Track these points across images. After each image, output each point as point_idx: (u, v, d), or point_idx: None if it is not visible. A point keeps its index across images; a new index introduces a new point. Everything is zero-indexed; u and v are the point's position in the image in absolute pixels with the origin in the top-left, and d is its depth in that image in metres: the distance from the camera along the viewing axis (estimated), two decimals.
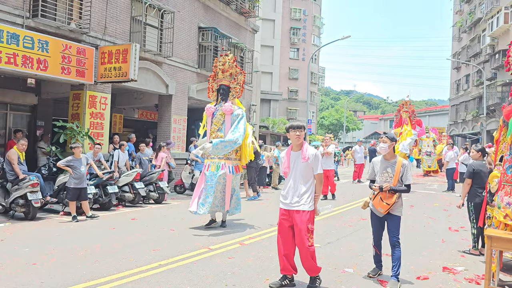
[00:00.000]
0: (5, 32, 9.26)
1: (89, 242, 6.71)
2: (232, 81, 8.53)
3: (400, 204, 5.10)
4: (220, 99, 8.45)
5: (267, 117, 38.92)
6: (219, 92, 8.49)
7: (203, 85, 16.55)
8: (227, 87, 8.47)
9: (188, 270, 5.35)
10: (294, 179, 4.77)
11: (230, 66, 8.49)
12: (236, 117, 8.20)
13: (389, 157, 5.16)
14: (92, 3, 11.73)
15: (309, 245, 4.60)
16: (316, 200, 4.78)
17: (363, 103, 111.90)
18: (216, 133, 8.19)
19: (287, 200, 4.76)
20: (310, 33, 48.06)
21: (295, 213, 4.68)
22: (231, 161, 8.18)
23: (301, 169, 4.73)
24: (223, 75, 8.49)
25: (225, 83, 8.47)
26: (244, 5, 18.98)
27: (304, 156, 4.70)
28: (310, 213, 4.67)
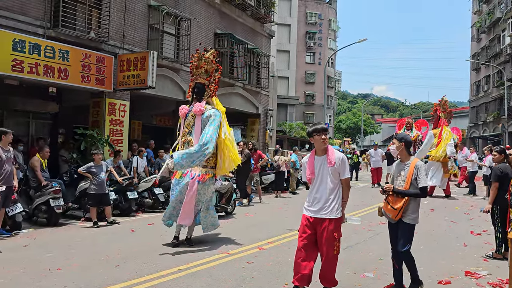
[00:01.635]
0: (27, 42, 9.51)
1: (110, 247, 6.80)
2: (208, 78, 7.54)
3: (412, 211, 4.67)
4: (195, 99, 7.47)
5: (284, 122, 38.90)
6: (193, 91, 7.54)
7: (220, 91, 16.57)
8: (202, 85, 7.47)
9: (207, 274, 5.39)
10: (320, 185, 4.48)
11: (206, 61, 7.50)
12: (207, 118, 7.13)
13: (404, 159, 4.85)
14: (111, 12, 11.95)
15: (334, 254, 4.38)
16: (343, 206, 4.52)
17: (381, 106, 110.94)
18: (186, 136, 7.29)
19: (314, 207, 4.48)
20: (326, 37, 47.98)
21: (321, 221, 4.41)
22: (199, 168, 7.08)
23: (327, 175, 4.45)
24: (198, 72, 7.53)
25: (200, 80, 7.50)
26: (260, 11, 19.07)
27: (330, 160, 4.43)
28: (337, 220, 4.42)
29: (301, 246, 4.47)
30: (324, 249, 4.38)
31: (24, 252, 6.44)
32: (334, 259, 4.43)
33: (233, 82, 17.62)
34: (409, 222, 4.68)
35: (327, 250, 4.36)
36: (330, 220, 4.39)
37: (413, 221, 4.69)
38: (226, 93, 17.28)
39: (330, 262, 4.41)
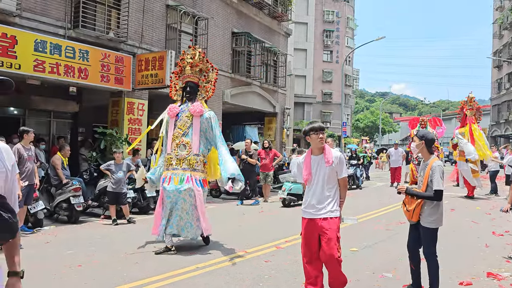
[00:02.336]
0: (48, 43, 9.68)
1: (129, 244, 6.88)
2: (202, 78, 7.10)
3: (429, 213, 4.45)
4: (186, 98, 6.96)
5: (301, 121, 38.79)
6: (185, 90, 6.98)
7: (237, 90, 16.72)
8: (195, 85, 7.00)
9: (225, 273, 5.40)
10: (317, 185, 4.31)
11: (201, 60, 7.06)
12: (207, 120, 6.74)
13: (425, 158, 4.66)
14: (130, 13, 12.08)
15: (338, 256, 4.17)
16: (341, 206, 4.37)
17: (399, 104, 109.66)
18: (181, 138, 6.68)
19: (312, 208, 4.31)
20: (344, 35, 47.62)
21: (322, 222, 4.23)
22: (198, 173, 6.62)
23: (324, 174, 4.28)
24: (192, 71, 7.02)
25: (193, 79, 7.01)
26: (277, 9, 19.04)
27: (327, 159, 4.24)
28: (337, 220, 4.27)
29: (305, 251, 4.37)
30: (327, 251, 4.18)
31: (46, 249, 6.57)
32: (339, 261, 4.20)
33: (250, 81, 17.63)
34: (427, 226, 4.48)
35: (330, 252, 4.16)
36: (331, 220, 4.23)
37: (431, 224, 4.48)
38: (243, 92, 17.31)
39: (335, 264, 4.20)
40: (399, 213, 5.94)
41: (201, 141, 6.73)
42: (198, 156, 6.63)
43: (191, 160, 6.56)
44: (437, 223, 4.50)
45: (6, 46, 8.96)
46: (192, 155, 6.59)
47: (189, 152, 6.59)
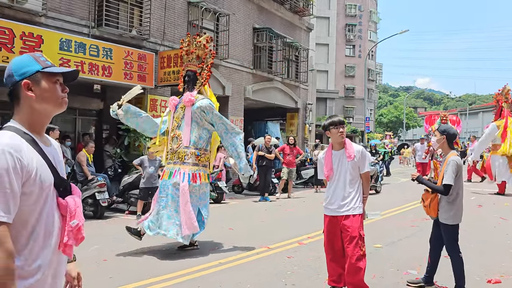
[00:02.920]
0: (73, 41, 9.86)
1: (152, 240, 6.96)
2: (200, 64, 6.66)
3: (444, 210, 4.41)
4: (186, 88, 6.62)
5: (323, 116, 38.45)
6: (184, 80, 6.73)
7: (259, 86, 16.70)
8: (193, 73, 6.61)
9: (247, 268, 5.41)
10: (339, 181, 4.22)
11: (197, 46, 6.62)
12: (198, 110, 6.25)
13: (445, 153, 4.59)
14: (152, 11, 12.19)
15: (361, 254, 4.05)
16: (364, 202, 4.27)
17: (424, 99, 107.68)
18: (175, 131, 6.40)
19: (334, 205, 4.23)
20: (366, 29, 46.98)
21: (344, 219, 4.15)
22: (188, 167, 6.14)
23: (346, 170, 4.18)
24: (188, 58, 6.69)
25: (192, 68, 6.65)
26: (299, 4, 18.90)
27: (349, 154, 4.15)
28: (361, 217, 4.18)
29: (328, 249, 4.32)
30: (350, 250, 4.09)
31: None
32: (361, 261, 4.08)
33: (272, 76, 17.58)
34: (445, 222, 4.44)
35: (353, 250, 4.06)
36: (353, 216, 4.13)
37: (448, 220, 4.42)
38: (265, 88, 17.28)
39: (357, 264, 4.05)
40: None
41: (193, 132, 6.29)
42: (188, 148, 6.22)
43: (180, 153, 6.23)
44: (454, 220, 4.44)
45: (32, 46, 9.17)
46: (182, 147, 6.25)
47: (179, 145, 6.27)
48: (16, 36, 8.91)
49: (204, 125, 6.36)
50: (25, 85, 1.69)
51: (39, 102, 1.72)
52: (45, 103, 1.74)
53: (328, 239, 4.30)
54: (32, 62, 1.74)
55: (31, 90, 1.70)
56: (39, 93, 1.71)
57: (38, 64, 1.74)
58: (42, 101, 1.73)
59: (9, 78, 1.72)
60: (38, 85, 1.72)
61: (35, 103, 1.71)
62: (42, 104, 1.73)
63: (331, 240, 4.28)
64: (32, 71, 1.71)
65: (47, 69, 1.75)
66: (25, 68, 1.71)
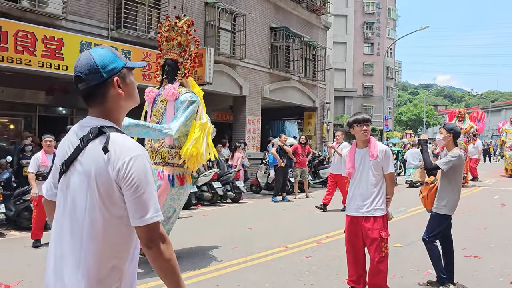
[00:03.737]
0: (92, 44, 10.02)
1: (171, 239, 7.01)
2: (182, 53, 5.93)
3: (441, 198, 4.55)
4: (165, 79, 5.89)
5: (341, 115, 38.24)
6: (163, 70, 5.97)
7: (276, 85, 16.69)
8: (175, 62, 5.87)
9: (266, 268, 5.41)
10: (361, 181, 4.15)
11: (179, 32, 5.88)
12: (182, 104, 5.58)
13: (449, 150, 4.68)
14: (169, 12, 12.29)
15: (382, 256, 4.00)
16: (388, 203, 4.17)
17: (444, 96, 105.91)
18: None
19: (355, 205, 4.16)
20: (385, 26, 46.44)
21: (365, 220, 4.08)
22: (172, 168, 5.60)
23: (369, 169, 4.11)
24: (168, 45, 5.89)
25: (172, 56, 5.88)
26: (315, 3, 18.81)
27: (372, 153, 4.09)
28: (383, 218, 4.08)
29: (349, 249, 4.28)
30: (371, 252, 4.06)
31: None
32: (383, 263, 4.03)
33: (289, 75, 17.54)
34: (435, 211, 4.58)
35: (374, 253, 4.02)
36: (374, 218, 4.05)
37: (440, 210, 4.56)
38: (282, 87, 17.25)
39: (378, 266, 4.01)
40: None
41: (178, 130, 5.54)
42: (172, 148, 5.63)
43: (164, 153, 5.60)
44: (444, 210, 4.55)
45: (54, 49, 9.36)
46: (165, 147, 5.62)
47: (162, 144, 5.63)
48: (38, 39, 9.11)
49: (187, 122, 5.63)
50: (116, 83, 1.64)
51: (126, 99, 1.69)
52: (130, 100, 1.72)
53: (349, 239, 4.26)
54: (116, 57, 1.67)
55: (120, 87, 1.65)
56: (126, 90, 1.68)
57: (121, 60, 1.68)
58: (128, 98, 1.70)
59: (95, 75, 1.60)
60: (125, 82, 1.67)
61: (123, 100, 1.68)
62: (128, 101, 1.70)
63: (352, 241, 4.24)
64: (120, 66, 1.66)
65: (129, 64, 1.71)
66: (113, 63, 1.65)
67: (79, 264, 1.52)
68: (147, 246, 1.54)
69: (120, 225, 1.56)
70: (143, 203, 1.52)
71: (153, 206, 1.54)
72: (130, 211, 1.53)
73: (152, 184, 1.56)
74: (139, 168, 1.53)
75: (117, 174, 1.51)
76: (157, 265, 1.57)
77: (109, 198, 1.53)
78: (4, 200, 7.43)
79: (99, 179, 1.52)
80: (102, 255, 1.53)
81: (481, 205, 10.71)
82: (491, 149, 33.18)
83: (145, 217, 1.52)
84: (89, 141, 1.57)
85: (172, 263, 1.57)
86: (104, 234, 1.54)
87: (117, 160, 1.52)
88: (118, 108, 1.68)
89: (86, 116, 1.70)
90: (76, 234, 1.55)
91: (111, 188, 1.52)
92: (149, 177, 1.55)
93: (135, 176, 1.51)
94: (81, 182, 1.55)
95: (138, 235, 1.56)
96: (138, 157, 1.55)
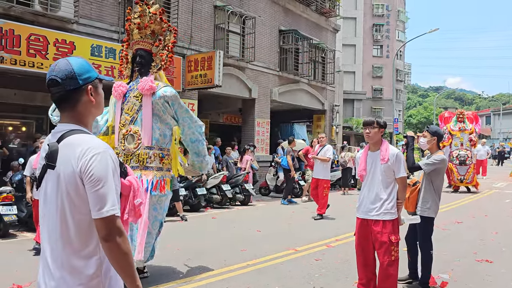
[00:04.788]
0: (103, 47, 10.12)
1: (181, 241, 7.06)
2: (157, 43, 5.25)
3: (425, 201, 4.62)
4: (137, 73, 5.19)
5: (350, 118, 38.10)
6: (135, 61, 5.21)
7: (285, 88, 16.69)
8: (148, 53, 5.18)
9: (275, 270, 5.41)
10: (372, 184, 4.14)
11: (153, 19, 5.16)
12: (161, 100, 4.93)
13: (432, 152, 4.76)
14: (179, 15, 12.37)
15: (392, 260, 3.99)
16: (399, 207, 4.13)
17: (455, 99, 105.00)
18: (129, 126, 4.97)
19: (365, 208, 4.16)
20: (394, 29, 46.23)
21: (374, 224, 4.07)
22: (152, 172, 4.88)
23: (380, 172, 4.09)
24: (141, 34, 5.17)
25: (145, 46, 5.17)
26: (324, 5, 18.79)
27: (383, 157, 4.06)
28: (393, 222, 4.06)
29: (359, 252, 4.27)
30: (380, 255, 4.05)
31: None
32: (392, 267, 4.02)
33: (298, 78, 17.54)
34: (421, 214, 4.58)
35: (383, 256, 4.01)
36: (384, 222, 4.03)
37: (424, 212, 4.60)
38: (291, 90, 17.25)
39: (388, 270, 4.01)
40: (455, 212, 5.71)
41: (155, 128, 4.98)
42: (151, 149, 4.93)
43: (141, 155, 4.89)
44: (429, 212, 4.60)
45: (65, 52, 9.46)
46: (142, 148, 4.90)
47: (138, 145, 4.91)
48: (50, 43, 9.22)
49: (166, 120, 5.08)
50: (89, 90, 1.78)
51: (96, 108, 1.84)
52: (98, 109, 1.86)
53: (359, 242, 4.25)
54: (91, 67, 1.83)
55: (92, 95, 1.79)
56: (96, 99, 1.82)
57: (94, 71, 1.83)
58: (97, 106, 1.84)
59: (71, 80, 1.74)
60: (96, 91, 1.82)
61: (93, 108, 1.82)
62: (97, 109, 1.85)
63: (362, 244, 4.23)
64: (94, 77, 1.81)
65: (100, 76, 1.87)
66: (88, 73, 1.79)
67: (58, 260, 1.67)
68: (104, 239, 1.62)
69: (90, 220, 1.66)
70: (101, 197, 1.62)
71: (111, 200, 1.63)
72: (90, 204, 1.63)
73: (112, 180, 1.66)
74: (100, 163, 1.64)
75: (80, 169, 1.63)
76: (113, 258, 1.63)
77: (76, 195, 1.65)
78: (16, 202, 7.50)
79: (67, 178, 1.65)
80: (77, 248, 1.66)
81: (492, 209, 10.60)
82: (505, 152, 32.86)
83: (103, 210, 1.61)
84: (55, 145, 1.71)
85: (128, 257, 1.64)
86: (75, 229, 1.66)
87: (82, 156, 1.64)
88: (88, 114, 1.81)
89: None
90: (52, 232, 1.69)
91: (76, 184, 1.64)
92: (109, 173, 1.66)
93: (96, 171, 1.63)
94: (53, 184, 1.69)
95: (96, 228, 1.64)
96: (101, 153, 1.66)
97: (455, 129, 14.27)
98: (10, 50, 8.64)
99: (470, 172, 13.84)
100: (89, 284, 1.66)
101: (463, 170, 13.85)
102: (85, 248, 1.67)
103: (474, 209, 10.42)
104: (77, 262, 1.66)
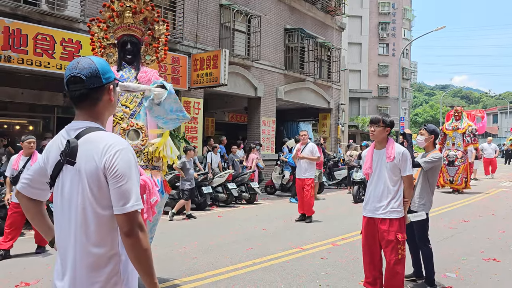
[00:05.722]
0: None
1: (187, 239, 7.08)
2: (149, 32, 4.81)
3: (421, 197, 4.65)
4: (125, 61, 4.60)
5: (356, 116, 37.99)
6: (125, 49, 4.59)
7: (290, 87, 16.67)
8: (139, 42, 4.68)
9: (281, 269, 5.42)
10: (378, 182, 4.12)
11: (146, 5, 4.70)
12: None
13: (427, 150, 4.83)
14: (185, 14, 12.39)
15: (399, 258, 4.00)
16: (405, 206, 4.11)
17: (461, 97, 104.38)
18: (129, 121, 4.36)
19: (371, 206, 4.14)
20: (400, 27, 46.01)
21: (381, 222, 4.06)
22: (159, 172, 4.49)
23: (386, 170, 4.07)
24: (135, 19, 4.63)
25: (137, 33, 4.65)
26: (330, 4, 18.75)
27: (389, 155, 4.04)
28: (399, 221, 4.04)
29: (365, 250, 4.26)
30: (387, 254, 4.05)
31: None
32: (399, 265, 4.03)
33: (304, 77, 17.51)
34: (415, 210, 4.60)
35: (390, 255, 4.01)
36: (390, 221, 4.03)
37: (419, 208, 4.62)
38: (297, 88, 17.23)
39: (395, 269, 4.02)
40: (463, 211, 5.68)
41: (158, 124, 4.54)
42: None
43: (150, 154, 4.39)
44: (423, 208, 4.63)
45: (72, 51, 9.51)
46: (150, 146, 4.41)
47: (145, 142, 4.38)
48: (57, 42, 9.27)
49: None
50: (111, 90, 1.83)
51: (113, 107, 1.90)
52: (113, 108, 1.93)
53: (366, 241, 4.24)
54: (110, 68, 1.87)
55: (110, 94, 1.84)
56: (114, 99, 1.88)
57: (112, 71, 1.89)
58: (114, 106, 1.92)
59: (95, 78, 1.76)
60: (114, 91, 1.88)
61: (111, 107, 1.89)
62: (114, 108, 1.93)
63: (368, 242, 4.23)
64: (113, 77, 1.86)
65: (117, 78, 1.93)
66: (109, 72, 1.83)
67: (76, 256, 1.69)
68: (126, 235, 1.63)
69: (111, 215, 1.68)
70: (125, 192, 1.64)
71: (134, 196, 1.65)
72: (113, 199, 1.65)
73: (135, 176, 1.69)
74: (123, 159, 1.68)
75: (104, 165, 1.66)
76: (134, 254, 1.65)
77: (98, 191, 1.66)
78: None
79: (89, 174, 1.67)
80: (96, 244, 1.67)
81: (500, 207, 10.54)
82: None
83: (127, 205, 1.63)
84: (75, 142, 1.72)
85: (148, 252, 1.66)
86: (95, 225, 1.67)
87: (106, 152, 1.67)
88: (105, 112, 1.86)
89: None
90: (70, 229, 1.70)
91: (99, 180, 1.66)
92: (132, 169, 1.69)
93: (120, 167, 1.65)
94: (73, 178, 1.70)
95: (118, 223, 1.65)
96: (124, 149, 1.70)
97: (449, 129, 13.95)
98: (17, 49, 8.70)
99: (459, 174, 13.27)
100: (108, 281, 1.67)
101: (452, 171, 13.34)
102: (105, 245, 1.68)
103: (481, 208, 10.37)
104: (96, 259, 1.67)
